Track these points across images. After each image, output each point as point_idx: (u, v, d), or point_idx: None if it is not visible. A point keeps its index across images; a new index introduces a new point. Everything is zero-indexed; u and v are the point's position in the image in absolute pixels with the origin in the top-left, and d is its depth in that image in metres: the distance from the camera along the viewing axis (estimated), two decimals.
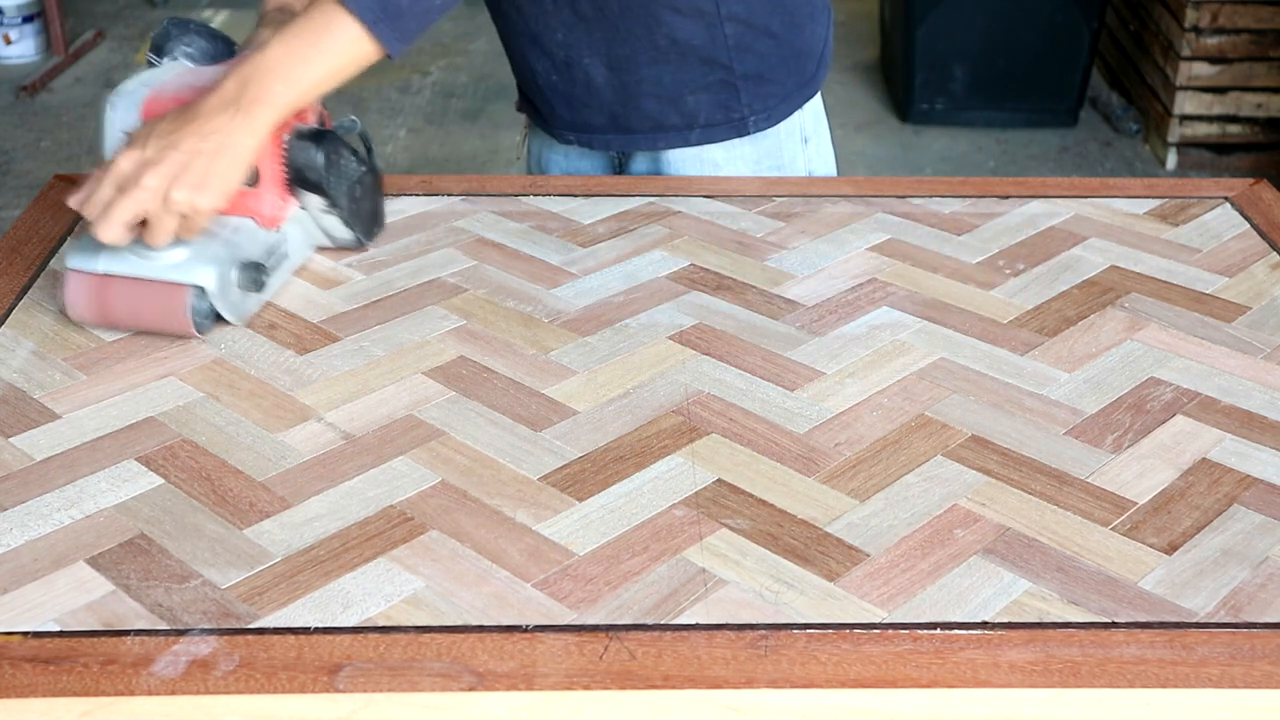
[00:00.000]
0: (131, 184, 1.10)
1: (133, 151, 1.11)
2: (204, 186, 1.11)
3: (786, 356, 1.16)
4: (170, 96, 1.19)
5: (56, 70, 4.48)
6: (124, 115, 1.20)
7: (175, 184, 1.10)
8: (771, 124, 1.49)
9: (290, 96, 1.15)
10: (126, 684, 0.80)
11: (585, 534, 0.94)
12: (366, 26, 1.17)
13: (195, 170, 1.10)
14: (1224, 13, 3.75)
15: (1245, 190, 1.47)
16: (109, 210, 1.10)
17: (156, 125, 1.13)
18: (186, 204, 1.10)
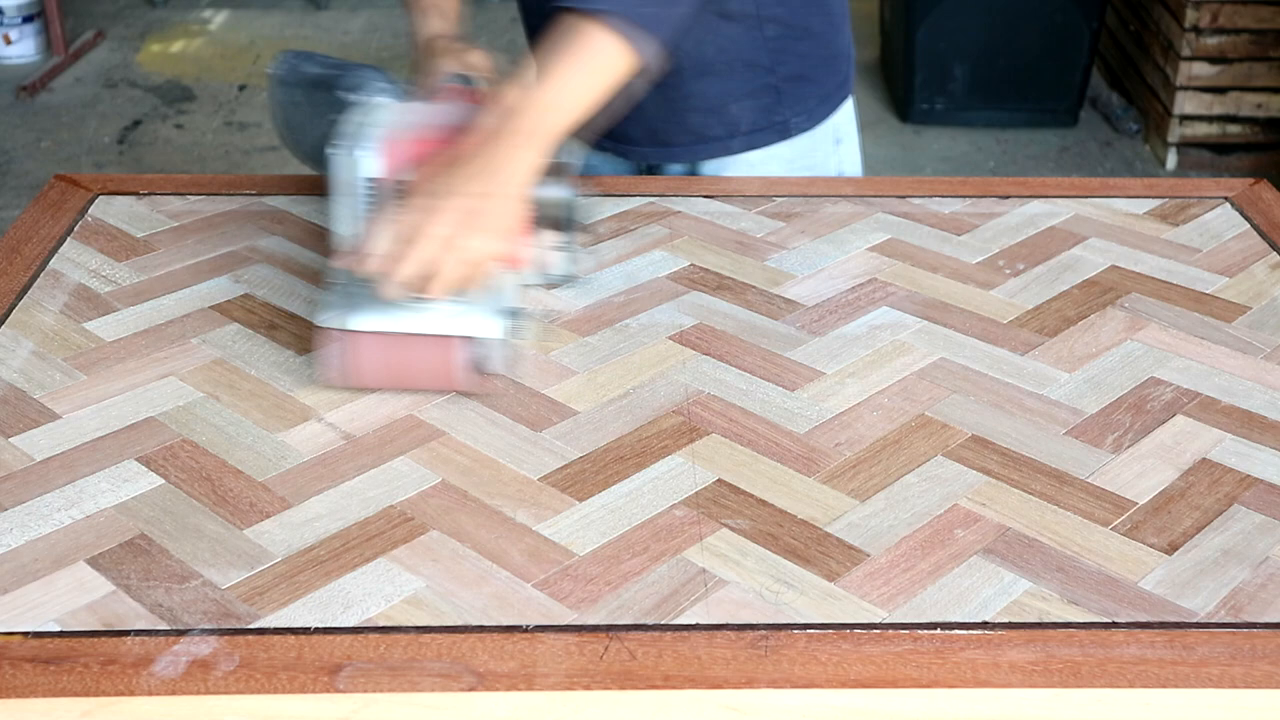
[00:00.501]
0: (417, 235, 1.03)
1: (413, 201, 1.05)
2: (491, 230, 1.05)
3: (786, 356, 1.16)
4: (412, 139, 1.11)
5: (56, 70, 4.48)
6: (363, 161, 1.10)
7: (463, 231, 1.04)
8: (812, 125, 1.49)
9: (562, 126, 1.11)
10: (127, 684, 0.80)
11: (585, 534, 0.94)
12: (628, 41, 1.13)
13: (481, 215, 1.05)
14: (1224, 13, 3.75)
15: (1245, 190, 1.47)
16: (396, 265, 1.03)
17: (427, 172, 1.07)
18: (477, 251, 1.05)
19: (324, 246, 1.34)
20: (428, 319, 1.07)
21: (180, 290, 1.26)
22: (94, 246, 1.33)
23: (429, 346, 1.08)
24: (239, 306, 1.23)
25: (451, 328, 1.07)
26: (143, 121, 4.16)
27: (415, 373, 1.09)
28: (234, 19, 5.05)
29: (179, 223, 1.39)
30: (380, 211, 1.07)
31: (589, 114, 1.13)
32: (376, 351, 1.08)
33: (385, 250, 1.04)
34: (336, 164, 1.11)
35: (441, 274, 1.04)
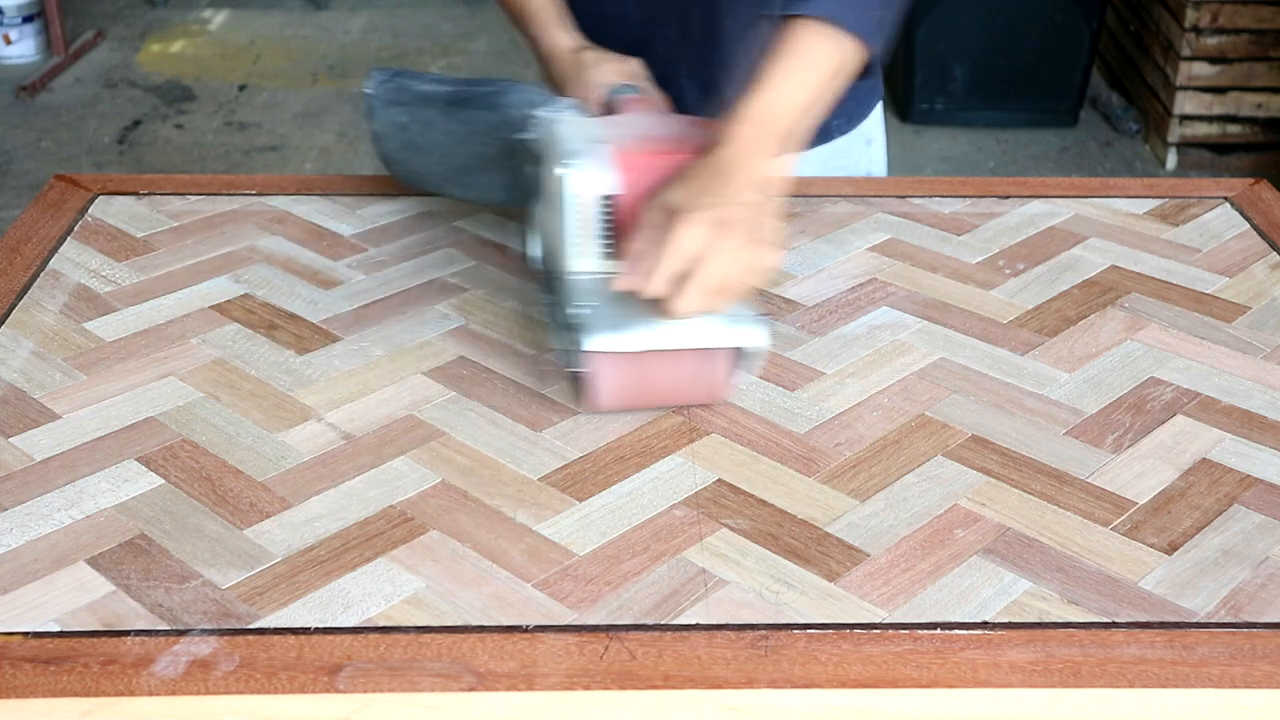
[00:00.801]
0: (709, 252, 1.00)
1: (687, 218, 1.01)
2: (768, 240, 1.04)
3: (786, 356, 1.16)
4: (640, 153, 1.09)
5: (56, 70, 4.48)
6: (595, 179, 1.07)
7: (748, 244, 1.02)
8: (852, 127, 1.49)
9: (807, 125, 1.10)
10: (127, 684, 0.80)
11: (585, 534, 0.94)
12: (854, 35, 1.12)
13: (758, 225, 1.03)
14: (1224, 13, 3.75)
15: (1245, 190, 1.47)
16: (687, 282, 1.00)
17: (689, 188, 1.03)
18: (761, 262, 1.03)
19: (324, 246, 1.34)
20: (694, 332, 1.05)
21: (180, 290, 1.26)
22: (94, 246, 1.33)
23: (689, 360, 1.06)
24: (239, 306, 1.23)
25: (720, 339, 1.05)
26: (143, 121, 4.16)
27: (678, 387, 1.07)
28: (234, 19, 5.05)
29: (179, 223, 1.39)
30: (616, 228, 1.05)
31: (810, 116, 1.12)
32: (636, 371, 1.06)
33: (672, 270, 1.01)
34: (565, 183, 1.07)
35: (730, 288, 1.02)
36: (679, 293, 1.00)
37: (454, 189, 1.32)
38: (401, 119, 1.30)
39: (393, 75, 1.32)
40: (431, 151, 1.29)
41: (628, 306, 1.04)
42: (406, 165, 1.32)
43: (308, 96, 4.34)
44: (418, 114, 1.29)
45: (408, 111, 1.29)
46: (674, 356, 1.05)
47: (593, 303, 1.06)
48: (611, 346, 1.04)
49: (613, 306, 1.05)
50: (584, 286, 1.08)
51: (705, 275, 1.00)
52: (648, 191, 1.06)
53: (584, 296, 1.07)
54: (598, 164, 1.08)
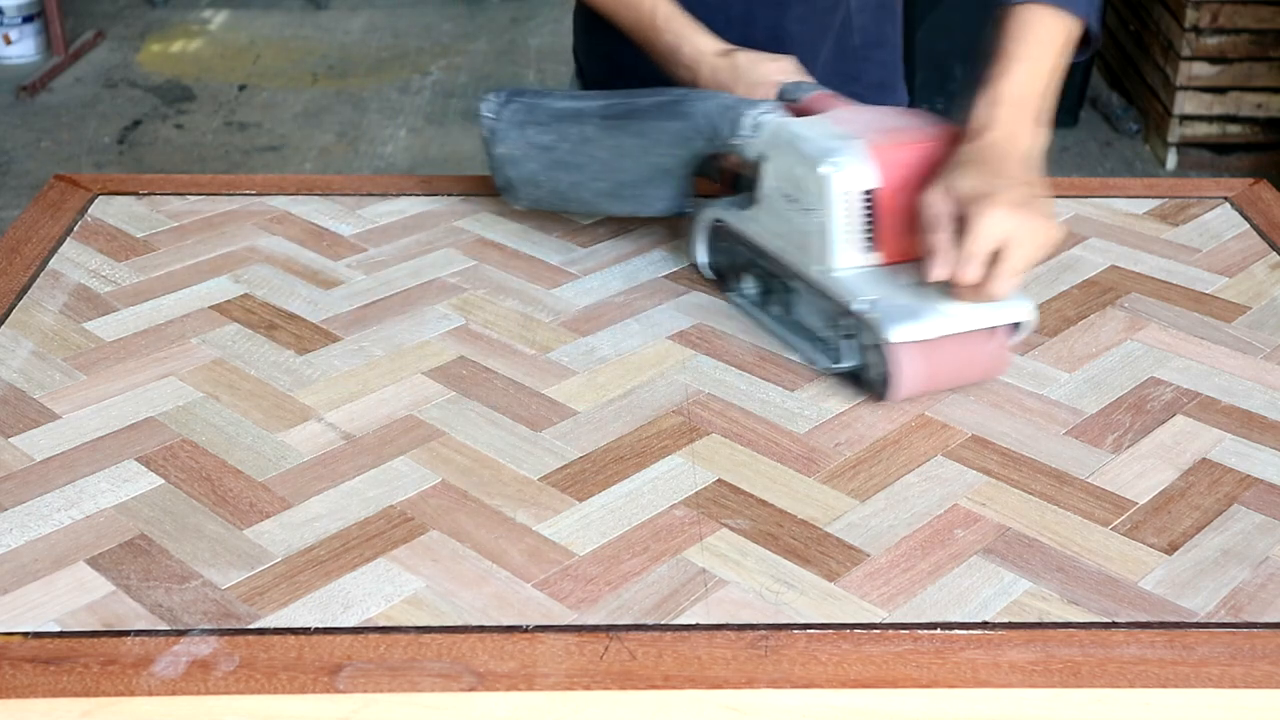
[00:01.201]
0: (1014, 232, 1.03)
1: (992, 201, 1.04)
2: (1051, 217, 1.07)
3: (787, 356, 1.16)
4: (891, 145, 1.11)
5: (56, 70, 4.48)
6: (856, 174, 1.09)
7: (1042, 224, 1.05)
8: None
9: (1050, 105, 1.16)
10: (126, 684, 0.80)
11: (585, 534, 0.94)
12: (1076, 13, 1.19)
13: (1043, 204, 1.07)
14: (1224, 13, 3.75)
15: (1245, 190, 1.47)
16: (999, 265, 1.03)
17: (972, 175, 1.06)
18: (1053, 236, 1.06)
19: (324, 246, 1.34)
20: (981, 313, 1.08)
21: (180, 290, 1.26)
22: (94, 246, 1.33)
23: (976, 340, 1.10)
24: (239, 306, 1.23)
25: (1004, 317, 1.09)
26: (143, 121, 4.16)
27: (968, 367, 1.11)
28: (234, 19, 5.05)
29: (179, 223, 1.39)
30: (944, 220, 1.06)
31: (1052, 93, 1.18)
32: (933, 357, 1.08)
33: (985, 253, 1.04)
34: (830, 181, 1.09)
35: (1002, 271, 1.05)
36: (993, 276, 1.04)
37: (611, 205, 1.31)
38: (544, 139, 1.28)
39: (512, 95, 1.30)
40: (586, 169, 1.28)
41: (906, 296, 1.08)
42: (551, 186, 1.31)
43: (308, 96, 4.34)
44: (568, 132, 1.27)
45: (552, 130, 1.28)
46: (967, 338, 1.09)
47: (872, 296, 1.08)
48: (916, 335, 1.06)
49: (893, 297, 1.08)
50: (856, 282, 1.10)
51: (1015, 256, 1.04)
52: (906, 183, 1.09)
53: (861, 291, 1.09)
54: (857, 160, 1.09)
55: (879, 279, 1.10)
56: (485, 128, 1.31)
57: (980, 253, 1.03)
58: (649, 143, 1.25)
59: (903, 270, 1.10)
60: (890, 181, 1.10)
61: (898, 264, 1.11)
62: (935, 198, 1.06)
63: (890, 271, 1.11)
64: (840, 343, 1.12)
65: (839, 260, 1.11)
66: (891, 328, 1.06)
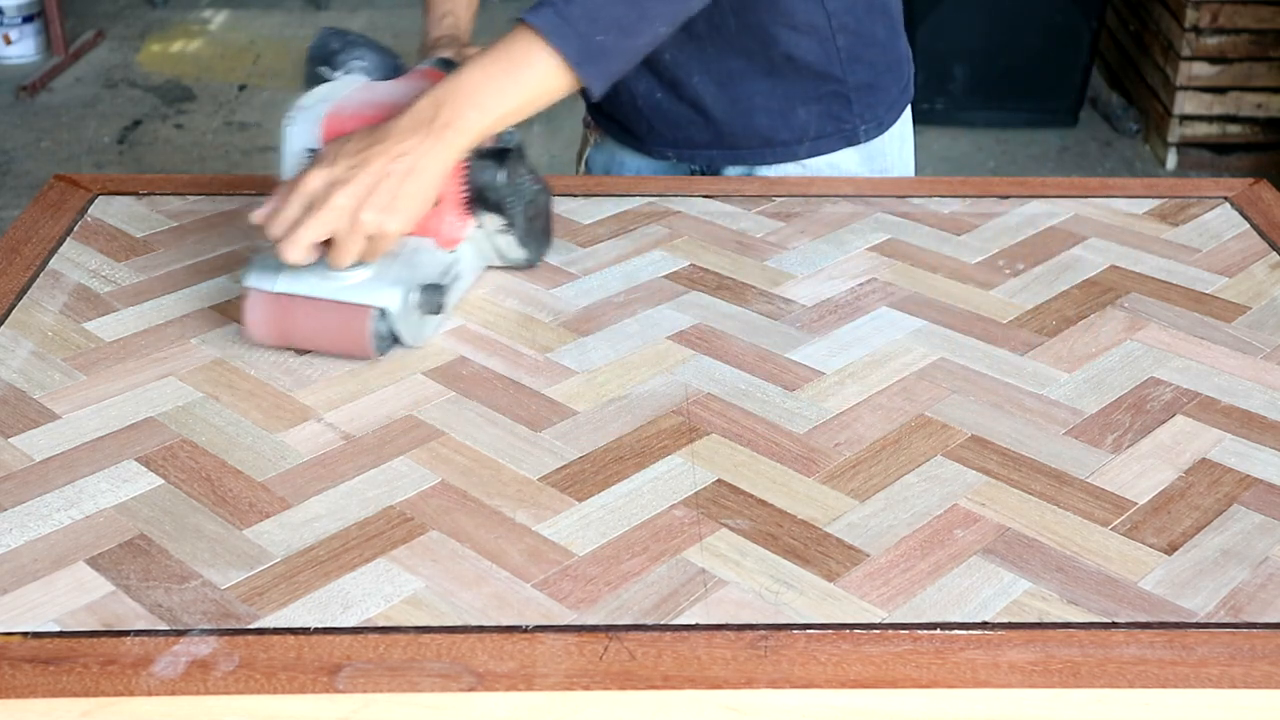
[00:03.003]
0: (320, 203, 1.07)
1: (320, 170, 1.08)
2: (394, 209, 1.08)
3: (786, 356, 1.16)
4: (351, 114, 1.16)
5: (56, 70, 4.48)
6: (304, 132, 1.17)
7: (365, 205, 1.07)
8: (881, 131, 1.50)
9: (484, 124, 1.13)
10: (126, 684, 0.80)
11: (585, 534, 0.94)
12: (569, 64, 1.14)
13: (385, 191, 1.08)
14: (1224, 13, 3.75)
15: (1245, 190, 1.47)
16: (295, 229, 1.07)
17: (344, 144, 1.10)
18: (375, 226, 1.08)
19: None
20: (332, 285, 1.12)
21: (180, 290, 1.26)
22: (94, 246, 1.33)
23: (328, 311, 1.13)
24: (239, 306, 1.23)
25: (352, 296, 1.12)
26: (143, 121, 4.16)
27: (317, 336, 1.14)
28: (234, 19, 5.05)
29: (179, 223, 1.39)
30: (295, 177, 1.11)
31: (513, 121, 1.16)
32: (280, 312, 1.13)
33: (290, 215, 1.08)
34: (282, 135, 1.18)
35: (340, 244, 1.08)
36: (289, 238, 1.08)
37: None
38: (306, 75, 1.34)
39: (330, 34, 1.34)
40: None
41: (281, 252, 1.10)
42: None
43: None
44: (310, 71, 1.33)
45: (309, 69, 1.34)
46: (312, 304, 1.12)
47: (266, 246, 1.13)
48: (262, 285, 1.13)
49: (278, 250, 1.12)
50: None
51: (311, 226, 1.07)
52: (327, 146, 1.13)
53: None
54: (307, 119, 1.17)
55: None
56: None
57: (285, 206, 1.08)
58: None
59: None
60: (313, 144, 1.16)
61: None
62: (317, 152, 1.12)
63: None
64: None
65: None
66: (250, 272, 1.13)
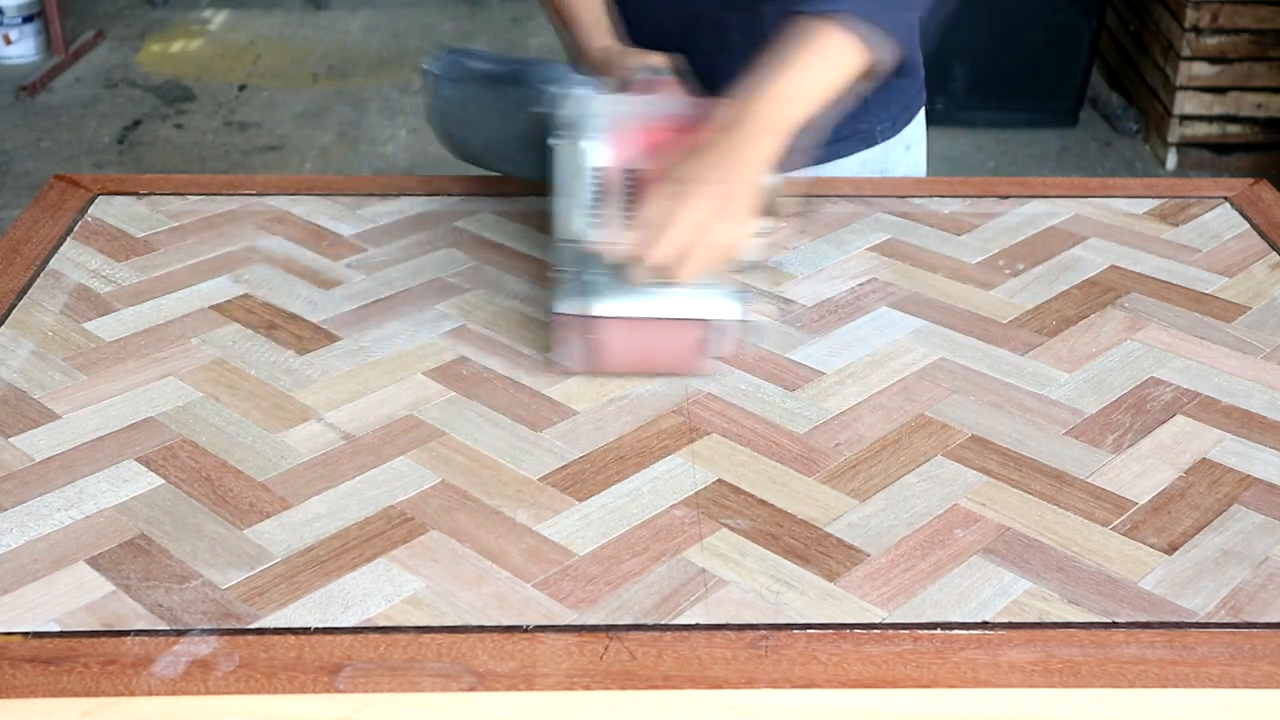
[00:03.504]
0: (671, 221, 1.05)
1: (666, 190, 1.06)
2: (740, 219, 1.08)
3: (786, 357, 1.16)
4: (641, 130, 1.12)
5: (56, 70, 4.48)
6: (594, 151, 1.11)
7: (716, 218, 1.06)
8: (895, 133, 1.50)
9: (798, 120, 1.14)
10: (127, 684, 0.80)
11: (585, 534, 0.94)
12: (861, 41, 1.16)
13: (729, 201, 1.07)
14: (1224, 13, 3.75)
15: (1245, 190, 1.47)
16: (649, 250, 1.05)
17: (669, 160, 1.09)
18: (727, 238, 1.07)
19: (324, 246, 1.34)
20: (670, 303, 1.09)
21: (180, 290, 1.26)
22: (94, 246, 1.33)
23: (673, 330, 1.10)
24: (239, 306, 1.23)
25: (695, 311, 1.10)
26: (143, 121, 4.16)
27: (657, 357, 1.12)
28: (234, 19, 5.05)
29: (179, 223, 1.39)
30: (623, 199, 1.08)
31: (821, 110, 1.16)
32: (622, 337, 1.10)
33: (638, 236, 1.06)
34: (561, 154, 1.12)
35: (693, 259, 1.06)
36: (681, 262, 1.05)
37: (506, 165, 1.36)
38: (454, 95, 1.33)
39: (451, 53, 1.35)
40: (482, 128, 1.33)
41: (612, 273, 1.09)
42: (464, 142, 1.36)
43: (308, 96, 4.33)
44: (472, 91, 1.32)
45: (460, 88, 1.33)
46: (654, 325, 1.10)
47: (576, 268, 1.10)
48: (585, 311, 1.09)
49: (599, 273, 1.09)
50: (575, 253, 1.11)
51: (667, 244, 1.05)
52: (654, 165, 1.10)
53: (572, 262, 1.11)
54: (592, 137, 1.11)
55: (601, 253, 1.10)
56: (426, 79, 1.35)
57: (671, 237, 1.05)
58: (506, 107, 1.29)
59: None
60: (621, 161, 1.11)
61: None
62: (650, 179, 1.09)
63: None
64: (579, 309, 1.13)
65: (568, 231, 1.13)
66: (562, 299, 1.10)
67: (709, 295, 1.10)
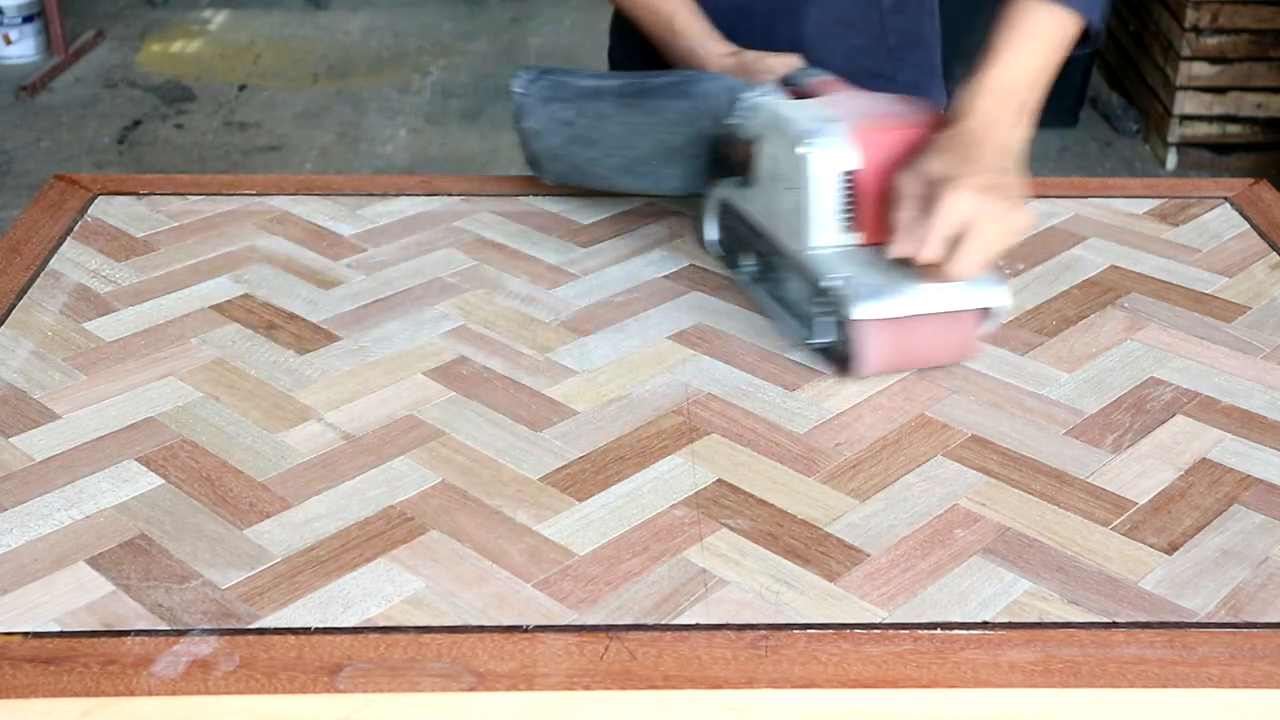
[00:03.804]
0: (976, 215, 1.06)
1: (921, 187, 1.08)
2: (1009, 208, 1.09)
3: (786, 356, 1.16)
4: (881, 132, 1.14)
5: (56, 70, 4.48)
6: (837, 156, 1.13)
7: (1008, 209, 1.07)
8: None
9: (1031, 102, 1.17)
10: (127, 684, 0.80)
11: (585, 534, 0.94)
12: (1078, 14, 1.20)
13: (1012, 191, 1.09)
14: (1224, 13, 3.75)
15: (1245, 190, 1.47)
16: (961, 246, 1.06)
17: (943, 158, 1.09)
18: (1017, 225, 1.08)
19: (324, 246, 1.34)
20: (941, 296, 1.10)
21: (180, 290, 1.26)
22: (94, 246, 1.33)
23: (947, 322, 1.12)
24: (239, 306, 1.23)
25: (968, 301, 1.11)
26: (143, 121, 4.16)
27: (936, 350, 1.14)
28: (234, 19, 5.05)
29: (179, 223, 1.39)
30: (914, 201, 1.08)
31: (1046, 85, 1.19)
32: (899, 336, 1.11)
33: (908, 236, 1.07)
34: (808, 161, 1.12)
35: (969, 254, 1.07)
36: (953, 257, 1.06)
37: (626, 181, 1.35)
38: (565, 114, 1.33)
39: (541, 73, 1.34)
40: (602, 144, 1.32)
41: (879, 275, 1.10)
42: (570, 160, 1.35)
43: (308, 96, 4.34)
44: (586, 108, 1.32)
45: (573, 107, 1.32)
46: (933, 319, 1.11)
47: (845, 274, 1.11)
48: (880, 313, 1.09)
49: (866, 276, 1.11)
50: (832, 260, 1.13)
51: (976, 239, 1.05)
52: (887, 165, 1.12)
53: (835, 269, 1.12)
54: (837, 141, 1.13)
55: (857, 258, 1.13)
56: (514, 101, 1.34)
57: (941, 232, 1.06)
58: (658, 121, 1.29)
59: (881, 251, 1.13)
60: (869, 163, 1.13)
61: (877, 245, 1.14)
62: (905, 178, 1.10)
63: (869, 251, 1.14)
64: (816, 319, 1.14)
65: (817, 238, 1.14)
66: (856, 304, 1.09)
67: (977, 284, 1.11)
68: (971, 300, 1.11)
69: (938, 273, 1.07)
